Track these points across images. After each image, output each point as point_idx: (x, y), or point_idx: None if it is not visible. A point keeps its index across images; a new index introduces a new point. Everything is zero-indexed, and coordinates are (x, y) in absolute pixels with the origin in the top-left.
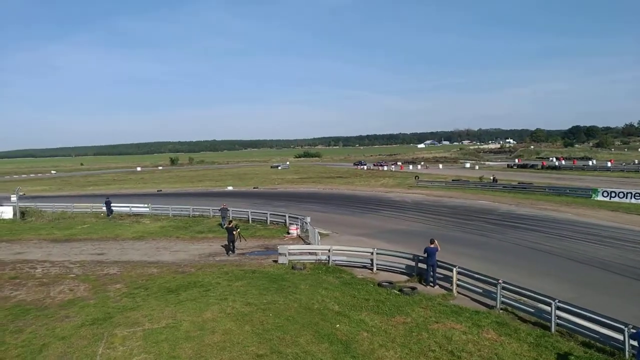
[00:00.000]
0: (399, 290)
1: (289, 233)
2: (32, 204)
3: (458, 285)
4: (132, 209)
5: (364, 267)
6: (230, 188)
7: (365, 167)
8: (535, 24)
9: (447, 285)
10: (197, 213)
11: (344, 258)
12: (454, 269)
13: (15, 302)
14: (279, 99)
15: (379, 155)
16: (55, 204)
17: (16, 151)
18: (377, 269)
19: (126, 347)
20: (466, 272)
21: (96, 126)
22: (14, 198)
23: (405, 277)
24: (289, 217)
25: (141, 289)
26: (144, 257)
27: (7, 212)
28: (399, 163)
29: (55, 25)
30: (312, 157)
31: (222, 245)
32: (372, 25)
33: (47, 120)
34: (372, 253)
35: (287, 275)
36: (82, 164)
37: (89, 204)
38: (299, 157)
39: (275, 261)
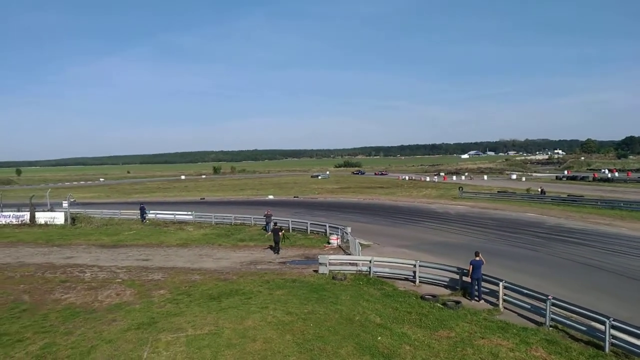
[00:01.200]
0: (442, 304)
1: (329, 243)
2: (82, 210)
3: (504, 300)
4: (177, 216)
5: (406, 279)
6: (271, 197)
7: (320, 176)
8: (585, 30)
9: (492, 300)
10: (239, 221)
11: (386, 270)
12: (501, 284)
13: (65, 304)
14: (319, 109)
15: (421, 165)
16: (104, 211)
17: (68, 159)
18: (419, 282)
19: (170, 352)
20: (513, 286)
21: (143, 135)
22: (65, 204)
23: (448, 291)
24: (330, 227)
25: (184, 295)
26: (187, 264)
27: (59, 217)
28: (442, 174)
29: (109, 41)
30: (353, 166)
31: (268, 247)
32: (415, 35)
33: (97, 130)
34: (414, 265)
35: (327, 286)
36: (129, 172)
37: (135, 211)
38: (339, 166)
39: (316, 271)
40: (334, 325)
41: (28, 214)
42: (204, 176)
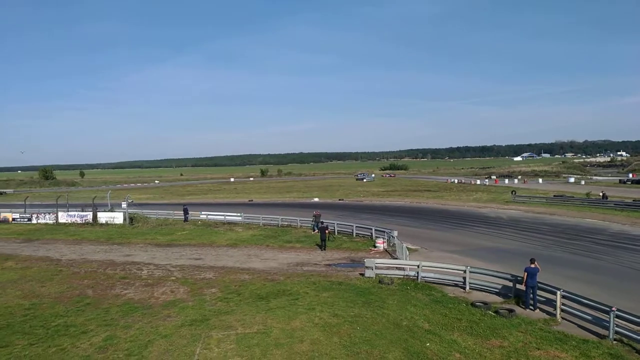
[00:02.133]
0: (494, 312)
1: (375, 246)
2: (139, 210)
3: (562, 311)
4: (226, 217)
5: (456, 285)
6: (316, 199)
7: (365, 179)
8: None
9: (549, 309)
10: (286, 223)
11: (434, 275)
12: (558, 292)
13: (125, 299)
14: (365, 111)
15: (471, 168)
16: (159, 211)
17: (126, 162)
18: (469, 288)
19: (221, 349)
20: (572, 296)
21: (195, 139)
22: (124, 205)
23: (501, 299)
24: (376, 230)
25: (234, 294)
26: (237, 264)
27: (118, 217)
28: (493, 177)
29: (163, 48)
30: (399, 169)
31: (314, 248)
32: (464, 35)
33: (153, 134)
34: (464, 271)
35: (374, 289)
36: (181, 175)
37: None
38: (385, 169)
39: (362, 274)
40: (381, 329)
41: (91, 213)
42: (252, 178)
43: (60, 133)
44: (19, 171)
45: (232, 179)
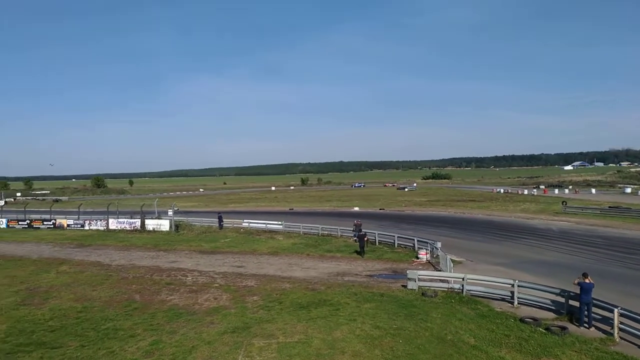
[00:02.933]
0: (545, 329)
1: (417, 258)
2: (184, 218)
3: (621, 330)
4: (268, 225)
5: (503, 299)
6: (356, 209)
7: (406, 189)
8: None
9: (606, 328)
10: (326, 232)
11: (480, 288)
12: (616, 310)
13: (170, 305)
14: (406, 120)
15: (518, 177)
16: (203, 219)
17: (172, 171)
18: (518, 303)
19: (263, 357)
20: (633, 314)
21: (238, 149)
22: (170, 213)
23: (552, 315)
24: (418, 241)
25: (275, 303)
26: (278, 272)
27: (164, 224)
28: (542, 186)
29: (210, 60)
30: (441, 178)
31: (355, 258)
32: (508, 43)
33: (198, 144)
34: (512, 285)
35: (417, 302)
36: (225, 183)
37: (230, 220)
38: (427, 178)
39: (404, 286)
40: (424, 343)
41: (139, 220)
42: (292, 187)
43: (111, 143)
44: (73, 179)
45: (273, 188)
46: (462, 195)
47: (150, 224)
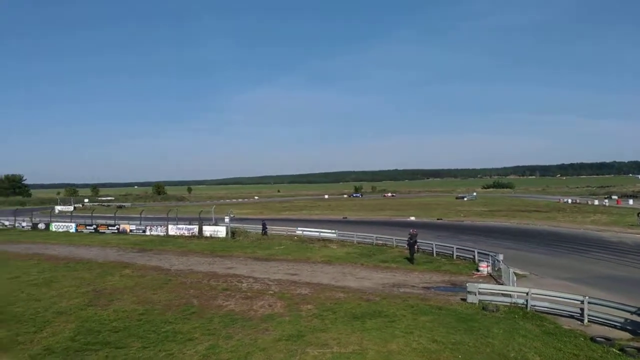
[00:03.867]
0: (619, 350)
1: (478, 270)
2: (240, 225)
3: None
4: (321, 234)
5: (571, 316)
6: (412, 218)
7: (466, 198)
8: None
9: None
10: (380, 242)
11: (546, 304)
12: None
13: (226, 310)
14: (463, 127)
15: (587, 186)
16: (258, 226)
17: (228, 179)
18: (588, 321)
19: None
20: None
21: (291, 157)
22: (227, 219)
23: (627, 335)
24: (478, 252)
25: (329, 312)
26: (332, 281)
27: (221, 231)
28: (615, 196)
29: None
30: (503, 187)
31: (410, 270)
32: (570, 44)
33: (253, 152)
34: (582, 301)
35: (477, 316)
36: (278, 191)
37: (284, 227)
38: (487, 187)
39: (464, 299)
40: (485, 359)
41: (197, 227)
42: (345, 196)
43: (170, 152)
44: (136, 186)
45: (326, 196)
46: (525, 206)
47: (208, 230)
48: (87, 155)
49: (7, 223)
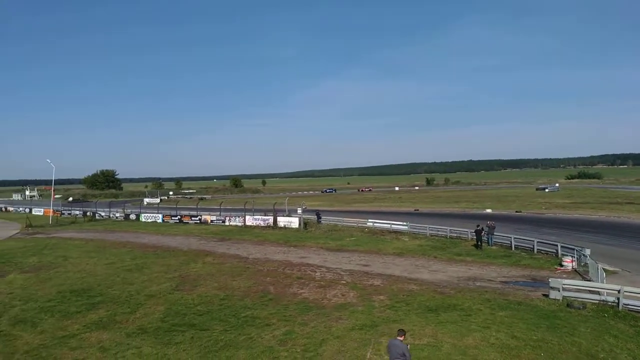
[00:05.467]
0: None
1: (561, 265)
2: (312, 216)
3: None
4: (392, 225)
5: None
6: (488, 210)
7: (547, 189)
8: None
9: None
10: (454, 234)
11: None
12: None
13: (301, 298)
14: (545, 114)
15: None
16: (329, 218)
17: (300, 172)
18: None
19: None
20: None
21: (360, 148)
22: (299, 211)
23: None
24: (562, 247)
25: (402, 304)
26: (404, 273)
27: (294, 222)
28: None
29: (332, 63)
30: (590, 178)
31: (488, 264)
32: None
33: (322, 145)
34: None
35: (561, 313)
36: (348, 183)
37: (355, 219)
38: (572, 178)
39: (545, 295)
40: (570, 359)
41: (272, 218)
42: (417, 187)
43: (246, 146)
44: (214, 180)
45: (396, 188)
46: (615, 197)
47: (282, 221)
48: (171, 151)
49: (103, 214)
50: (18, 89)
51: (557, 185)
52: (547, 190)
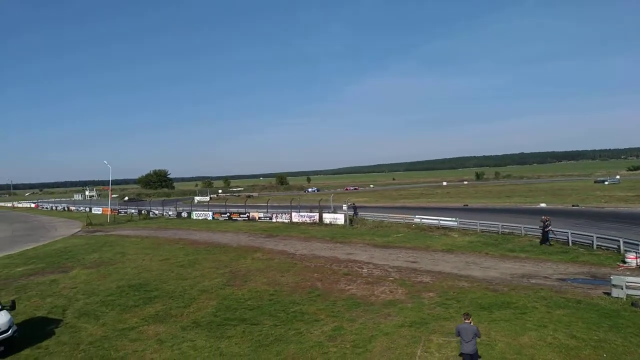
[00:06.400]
0: None
1: (624, 262)
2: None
3: None
4: (440, 222)
5: None
6: (542, 205)
7: (607, 182)
8: None
9: None
10: (507, 230)
11: None
12: None
13: (348, 294)
14: (604, 103)
15: None
16: (374, 214)
17: (343, 168)
18: None
19: (442, 354)
20: None
21: (406, 143)
22: (344, 207)
23: None
24: (624, 242)
25: (453, 301)
26: (454, 270)
27: (340, 218)
28: None
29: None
30: None
31: (543, 260)
32: None
33: (366, 141)
34: None
35: (624, 313)
36: (394, 179)
37: (401, 215)
38: (634, 169)
39: (607, 293)
40: None
41: (317, 214)
42: (465, 182)
43: (290, 144)
44: (261, 177)
45: (444, 183)
46: None
47: (327, 217)
48: (218, 150)
49: (156, 212)
50: (83, 99)
51: (617, 177)
52: (606, 182)
